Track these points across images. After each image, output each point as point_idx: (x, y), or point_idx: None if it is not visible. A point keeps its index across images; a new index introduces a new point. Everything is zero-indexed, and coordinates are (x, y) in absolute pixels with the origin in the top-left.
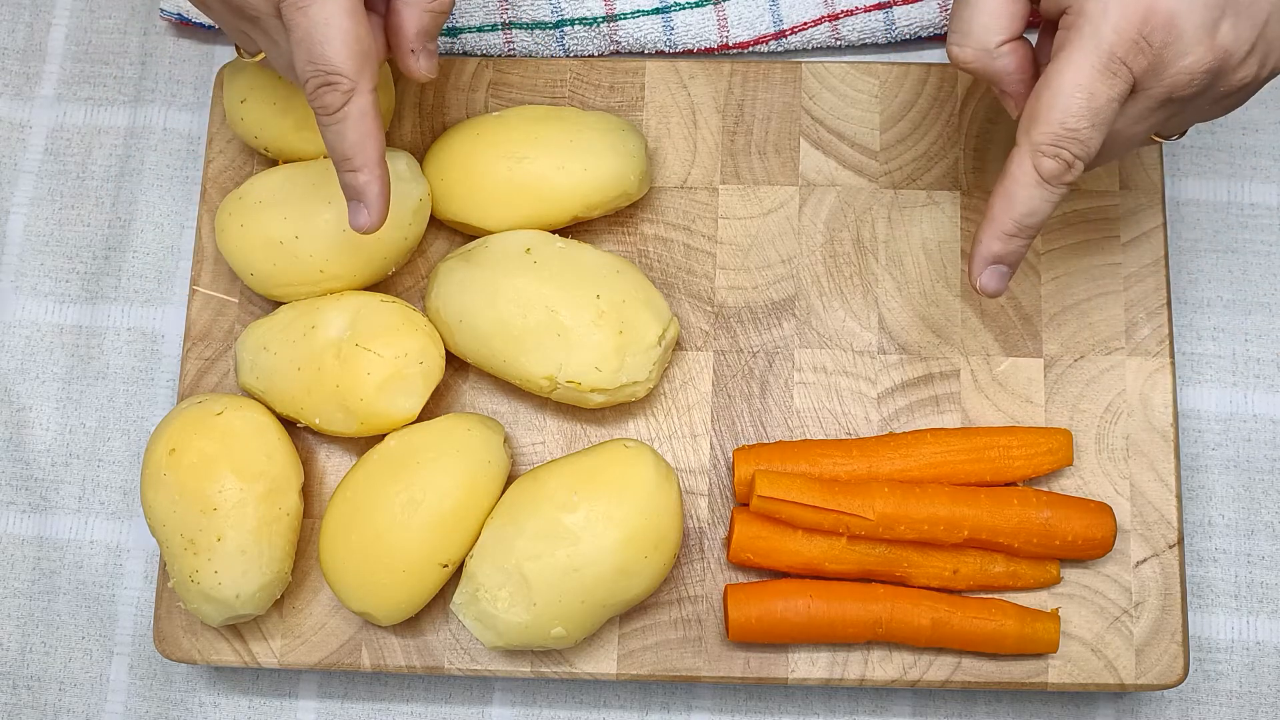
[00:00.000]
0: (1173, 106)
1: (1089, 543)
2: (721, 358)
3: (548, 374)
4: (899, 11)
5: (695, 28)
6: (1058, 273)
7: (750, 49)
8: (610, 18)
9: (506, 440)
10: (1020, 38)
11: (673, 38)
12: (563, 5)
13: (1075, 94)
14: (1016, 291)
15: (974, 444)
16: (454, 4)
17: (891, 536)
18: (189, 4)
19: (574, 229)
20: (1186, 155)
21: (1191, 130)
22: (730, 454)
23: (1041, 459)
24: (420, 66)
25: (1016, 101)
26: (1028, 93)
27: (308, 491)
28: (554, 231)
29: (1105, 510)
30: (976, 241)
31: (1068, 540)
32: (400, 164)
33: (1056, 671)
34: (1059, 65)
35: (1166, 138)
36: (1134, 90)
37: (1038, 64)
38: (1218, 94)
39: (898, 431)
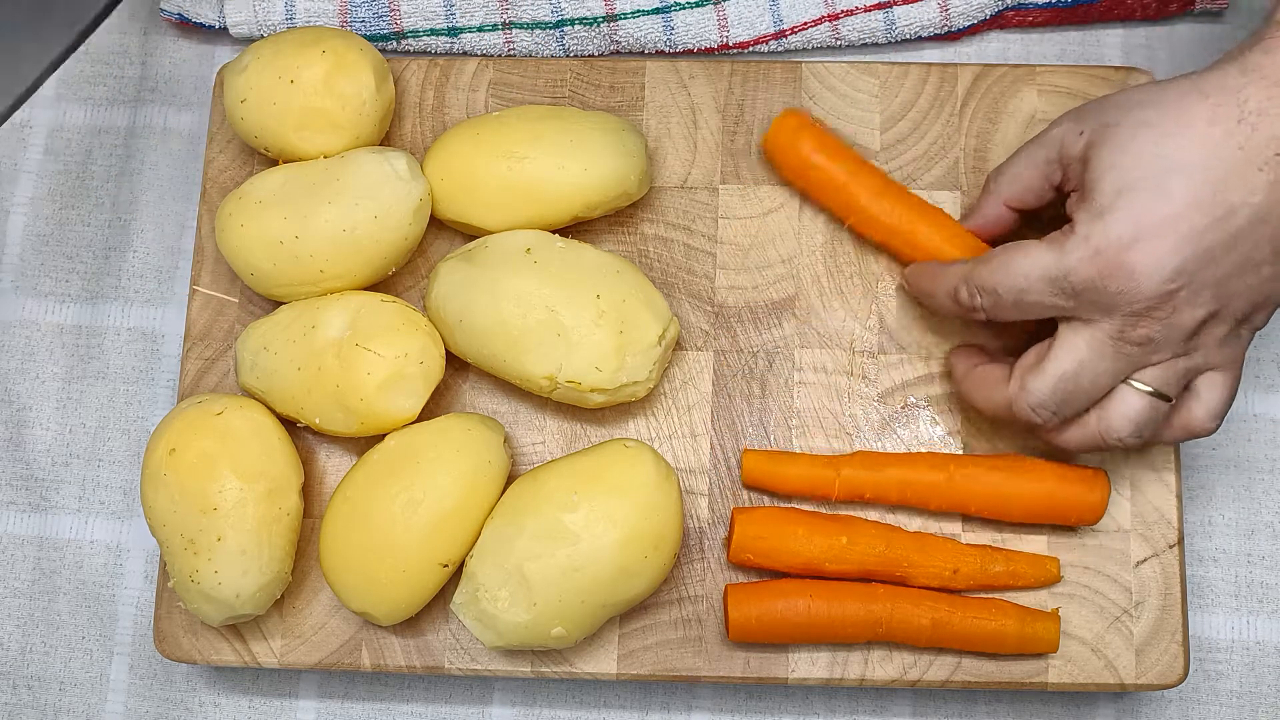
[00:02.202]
0: (1133, 357)
1: (1084, 504)
2: (721, 358)
3: (548, 374)
4: (899, 11)
5: (695, 28)
6: None
7: (750, 49)
8: (610, 18)
9: (506, 440)
10: (1017, 215)
11: (673, 38)
12: (563, 5)
13: (1017, 273)
14: None
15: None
16: None
17: (875, 495)
18: (189, 4)
19: (574, 229)
20: None
21: None
22: (731, 454)
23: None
24: None
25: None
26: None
27: (308, 491)
28: (554, 231)
29: (1099, 475)
30: (913, 264)
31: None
32: (400, 164)
33: (1056, 671)
34: (1022, 248)
35: (1167, 397)
36: (1082, 320)
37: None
38: (1182, 344)
39: (898, 435)
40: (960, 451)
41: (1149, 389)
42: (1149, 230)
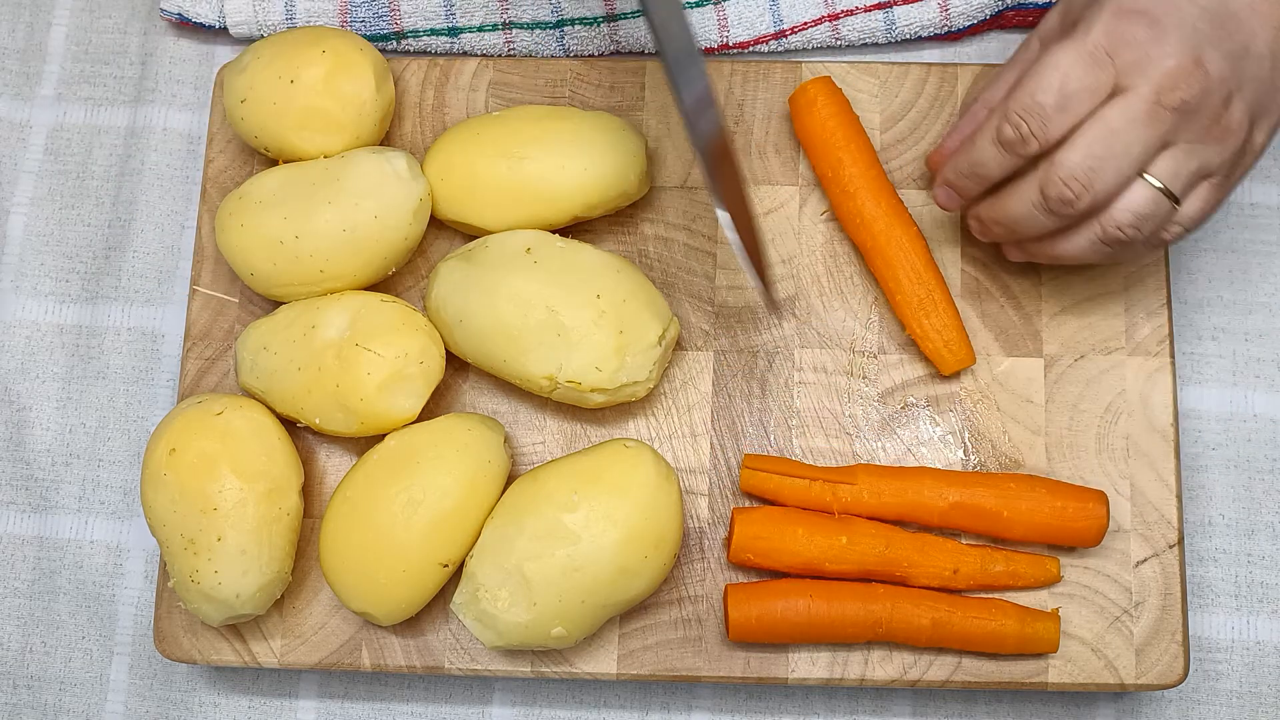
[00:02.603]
0: (1165, 127)
1: (1082, 528)
2: (721, 358)
3: (548, 374)
4: (899, 11)
5: (695, 27)
6: (1058, 273)
7: (750, 49)
8: (610, 17)
9: (506, 440)
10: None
11: None
12: (563, 5)
13: (1050, 72)
14: (1016, 291)
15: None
16: None
17: (876, 506)
18: (189, 3)
19: (574, 229)
20: None
21: None
22: (731, 454)
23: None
24: None
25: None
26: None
27: (308, 491)
28: (554, 231)
29: (1100, 496)
30: (944, 161)
31: (1061, 522)
32: (400, 164)
33: (1056, 671)
34: (1046, 53)
35: (1172, 194)
36: (1118, 91)
37: None
38: (1214, 135)
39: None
40: (961, 452)
41: (1159, 184)
42: (1160, 2)
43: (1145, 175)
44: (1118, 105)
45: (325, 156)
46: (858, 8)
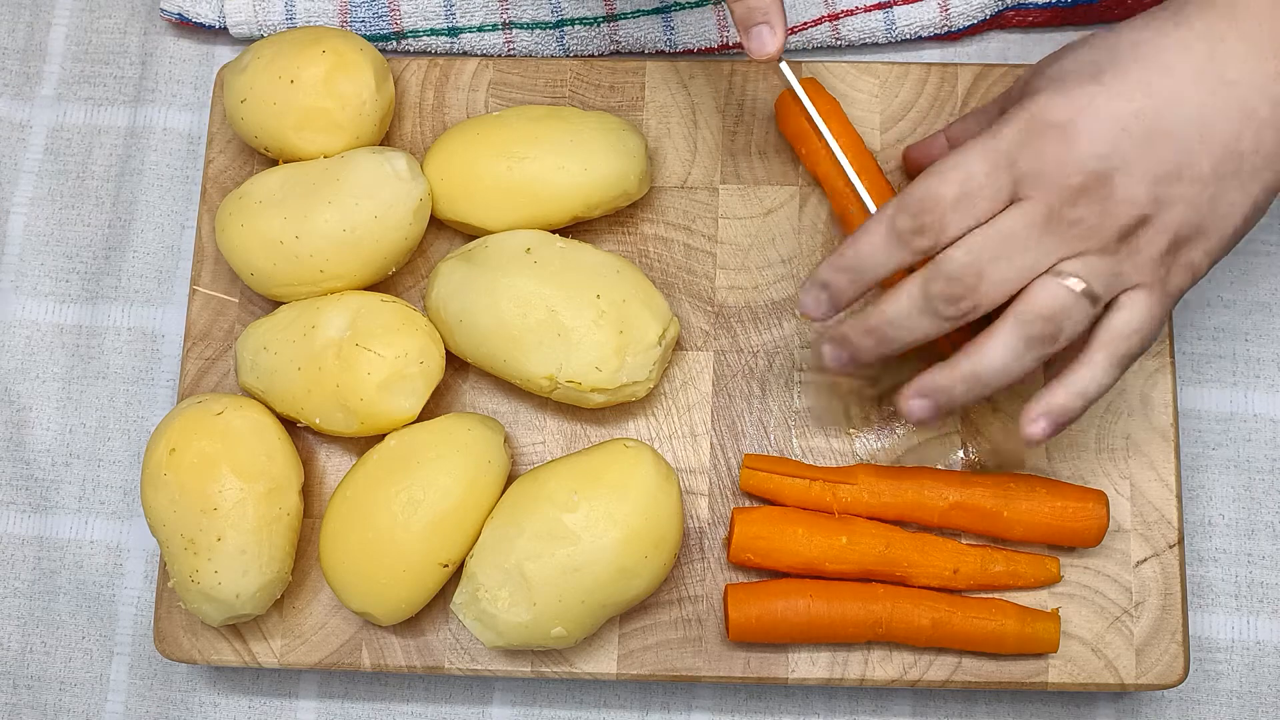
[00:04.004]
0: (1063, 239)
1: (1082, 528)
2: (722, 358)
3: (548, 374)
4: (899, 11)
5: (695, 27)
6: None
7: None
8: (610, 17)
9: (506, 440)
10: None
11: (673, 37)
12: (563, 5)
13: (953, 171)
14: None
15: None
16: None
17: (876, 506)
18: (189, 3)
19: (574, 229)
20: None
21: None
22: (731, 454)
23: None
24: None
25: None
26: None
27: (308, 491)
28: (554, 231)
29: (1100, 496)
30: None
31: (1061, 522)
32: (400, 164)
33: (1056, 671)
34: (957, 150)
35: (1091, 291)
36: (1016, 199)
37: None
38: (1126, 254)
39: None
40: (960, 453)
41: (1073, 278)
42: (1083, 107)
43: (1051, 272)
44: (1014, 211)
45: (325, 156)
46: (858, 8)
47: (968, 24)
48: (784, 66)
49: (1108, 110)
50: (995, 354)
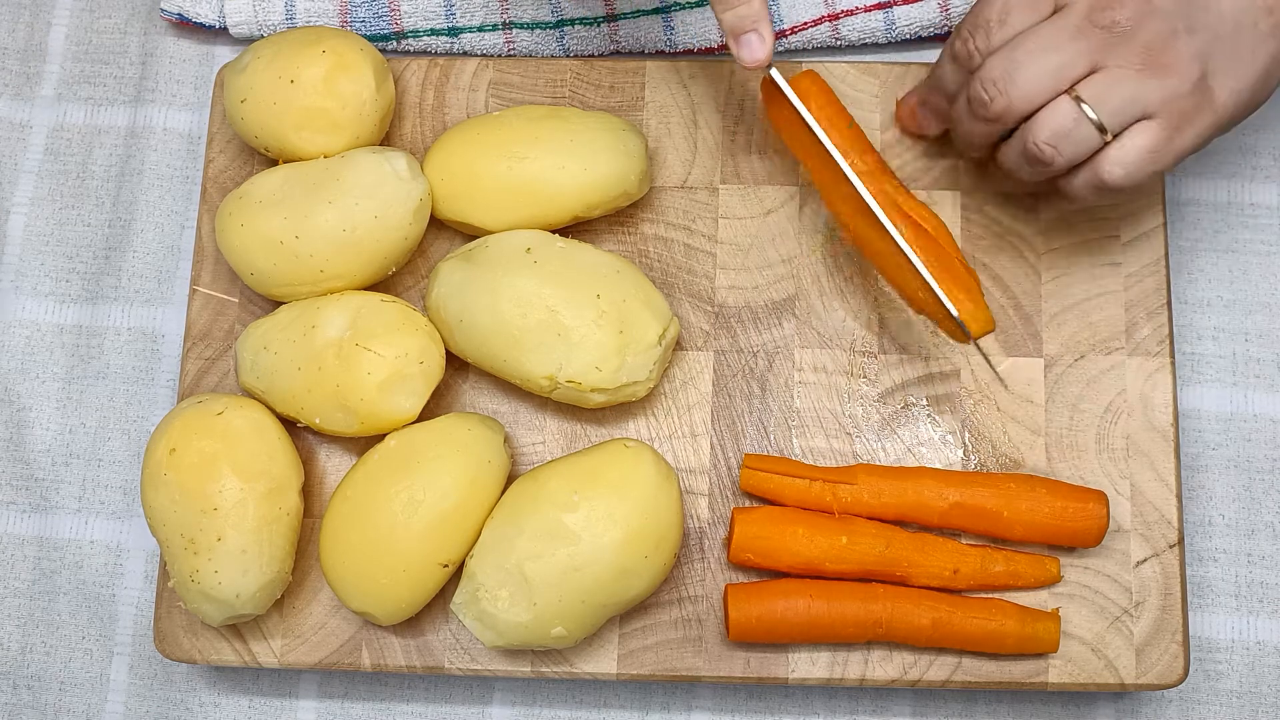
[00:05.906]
0: (1093, 43)
1: (1082, 528)
2: (721, 358)
3: (548, 374)
4: (899, 11)
5: (695, 28)
6: (1058, 273)
7: None
8: (610, 17)
9: (506, 440)
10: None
11: (673, 37)
12: (563, 5)
13: None
14: (1017, 291)
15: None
16: None
17: (876, 506)
18: (189, 3)
19: (574, 229)
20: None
21: None
22: (731, 454)
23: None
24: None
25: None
26: None
27: (308, 491)
28: (554, 231)
29: (1100, 496)
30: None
31: (1061, 522)
32: (400, 164)
33: (1057, 671)
34: None
35: (1099, 122)
36: (1057, 9)
37: None
38: (1152, 68)
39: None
40: (960, 453)
41: (1085, 106)
42: None
43: (1070, 92)
44: (1052, 20)
45: (325, 156)
46: (858, 8)
47: None
48: (775, 73)
49: None
50: (1003, 157)
